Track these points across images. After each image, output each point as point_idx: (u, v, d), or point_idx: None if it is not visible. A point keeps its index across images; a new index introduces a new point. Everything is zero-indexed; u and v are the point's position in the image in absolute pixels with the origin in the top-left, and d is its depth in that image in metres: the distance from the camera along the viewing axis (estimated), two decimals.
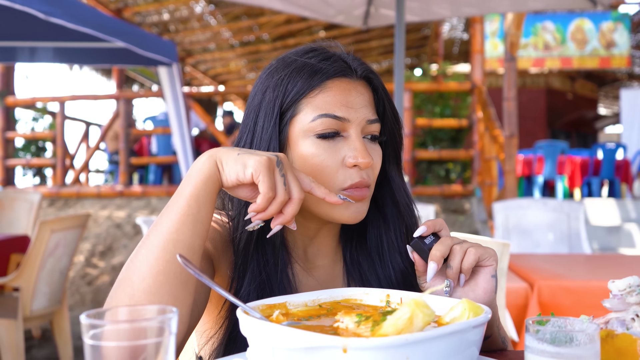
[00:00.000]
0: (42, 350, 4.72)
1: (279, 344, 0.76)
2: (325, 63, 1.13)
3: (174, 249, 0.90)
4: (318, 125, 1.09)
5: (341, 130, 1.11)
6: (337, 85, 1.12)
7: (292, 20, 11.43)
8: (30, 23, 4.26)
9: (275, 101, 1.12)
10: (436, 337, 0.74)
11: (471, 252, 1.01)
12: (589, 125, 20.29)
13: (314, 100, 1.11)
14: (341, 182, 1.10)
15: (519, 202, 4.93)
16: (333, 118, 1.09)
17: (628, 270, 3.13)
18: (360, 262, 1.23)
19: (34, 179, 9.94)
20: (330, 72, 1.12)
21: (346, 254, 1.24)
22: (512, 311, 2.80)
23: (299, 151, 1.11)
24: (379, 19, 4.87)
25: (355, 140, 1.10)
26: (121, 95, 8.32)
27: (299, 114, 1.11)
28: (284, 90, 1.12)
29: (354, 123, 1.11)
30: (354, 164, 1.09)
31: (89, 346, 0.67)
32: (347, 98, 1.11)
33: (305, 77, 1.11)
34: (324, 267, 1.23)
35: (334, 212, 1.11)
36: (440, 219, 1.09)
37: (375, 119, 1.14)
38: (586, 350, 0.79)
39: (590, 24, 13.96)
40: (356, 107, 1.11)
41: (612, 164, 9.14)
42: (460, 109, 8.60)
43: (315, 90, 1.11)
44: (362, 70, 1.16)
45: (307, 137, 1.11)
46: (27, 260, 3.56)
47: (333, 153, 1.10)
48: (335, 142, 1.11)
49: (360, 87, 1.15)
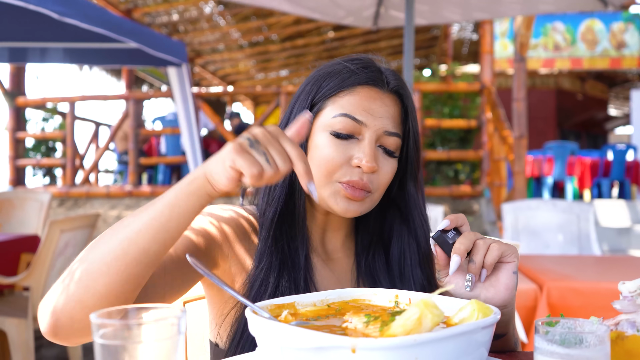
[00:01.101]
0: (52, 350, 4.75)
1: (288, 343, 0.76)
2: (360, 70, 1.19)
3: (127, 248, 0.92)
4: (336, 123, 1.15)
5: (356, 133, 1.16)
6: (365, 92, 1.18)
7: (301, 21, 11.44)
8: (41, 24, 4.28)
9: (309, 94, 1.21)
10: (445, 338, 0.74)
11: (494, 247, 1.02)
12: (599, 126, 20.18)
13: (340, 100, 1.17)
14: (340, 175, 1.15)
15: (528, 203, 4.91)
16: (352, 119, 1.15)
17: (638, 271, 3.11)
18: (376, 271, 1.26)
19: (44, 179, 9.99)
20: (362, 79, 1.18)
21: (361, 260, 1.28)
22: (521, 312, 2.79)
23: (314, 142, 1.17)
24: (389, 20, 4.87)
25: (366, 144, 1.15)
26: (130, 96, 8.35)
27: (324, 109, 1.18)
28: (319, 86, 1.20)
29: (371, 129, 1.15)
30: (358, 165, 1.14)
31: (98, 345, 0.67)
32: (371, 105, 1.17)
33: (340, 79, 1.19)
34: (339, 260, 1.28)
35: (327, 202, 1.17)
36: (462, 214, 1.10)
37: (394, 133, 1.18)
38: (596, 352, 0.79)
39: (601, 25, 13.89)
40: (376, 116, 1.16)
41: (622, 165, 9.08)
42: (470, 110, 8.57)
43: (344, 92, 1.18)
44: (395, 84, 1.21)
45: (324, 131, 1.16)
46: (37, 260, 3.58)
47: (343, 151, 1.15)
48: (347, 143, 1.16)
49: (388, 99, 1.19)
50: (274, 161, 0.88)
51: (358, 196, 1.15)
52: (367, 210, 1.19)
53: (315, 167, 1.16)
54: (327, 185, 1.16)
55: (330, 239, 1.28)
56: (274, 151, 0.88)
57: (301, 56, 14.31)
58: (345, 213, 1.16)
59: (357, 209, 1.16)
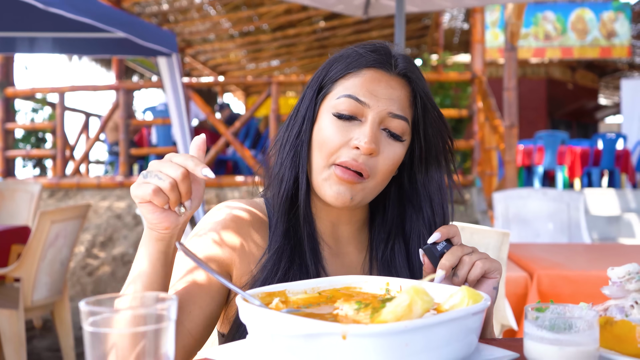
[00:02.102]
0: (44, 341, 4.74)
1: (278, 331, 0.76)
2: (368, 53, 1.18)
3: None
4: (339, 104, 1.14)
5: (359, 115, 1.14)
6: (371, 74, 1.16)
7: (292, 10, 11.38)
8: (30, 13, 4.24)
9: (319, 78, 1.21)
10: (435, 324, 0.74)
11: (478, 265, 1.05)
12: (590, 115, 20.25)
13: (346, 82, 1.16)
14: (336, 157, 1.13)
15: (519, 192, 4.93)
16: (354, 100, 1.13)
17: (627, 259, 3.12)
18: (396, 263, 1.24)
19: (34, 170, 9.93)
20: (368, 61, 1.17)
21: (379, 252, 1.25)
22: (511, 300, 2.81)
23: (319, 124, 1.17)
24: (380, 8, 4.85)
25: (367, 125, 1.13)
26: (121, 86, 8.29)
27: (332, 91, 1.18)
28: (328, 69, 1.20)
29: (373, 110, 1.13)
30: (356, 145, 1.11)
31: (88, 333, 0.67)
32: (375, 87, 1.15)
33: (347, 61, 1.18)
34: (351, 254, 1.27)
35: (320, 188, 1.16)
36: (454, 225, 1.12)
37: (399, 115, 1.15)
38: (585, 337, 0.79)
39: (591, 14, 13.91)
40: (380, 97, 1.14)
41: (612, 154, 9.13)
42: (461, 99, 8.57)
43: (350, 74, 1.17)
44: (403, 67, 1.18)
45: (328, 112, 1.16)
46: (27, 251, 3.56)
47: (343, 133, 1.13)
48: (349, 124, 1.14)
49: (394, 82, 1.17)
50: (166, 174, 0.94)
51: (348, 178, 1.11)
52: (360, 199, 1.15)
53: (317, 148, 1.15)
54: (324, 168, 1.14)
55: (342, 232, 1.26)
56: (163, 168, 0.95)
57: (292, 46, 14.26)
58: (335, 199, 1.13)
59: (347, 194, 1.13)
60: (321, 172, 1.15)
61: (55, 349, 4.46)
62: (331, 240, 1.25)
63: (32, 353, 4.37)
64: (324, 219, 1.24)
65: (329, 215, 1.24)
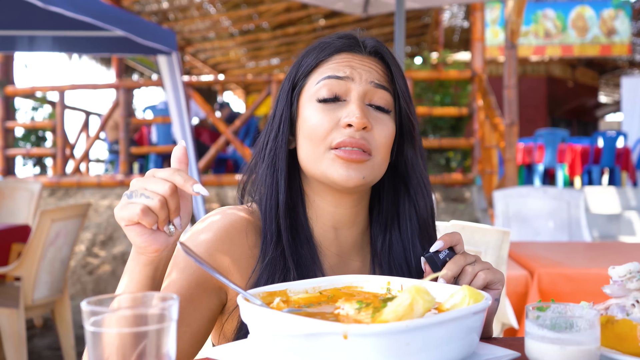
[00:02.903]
0: (44, 339, 4.74)
1: (280, 330, 0.76)
2: (336, 40, 1.18)
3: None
4: (320, 89, 1.13)
5: (342, 95, 1.13)
6: (343, 56, 1.16)
7: (292, 9, 11.37)
8: (30, 12, 4.24)
9: (291, 75, 1.20)
10: (436, 324, 0.74)
11: (480, 276, 1.04)
12: (590, 113, 20.23)
13: (320, 69, 1.16)
14: (330, 140, 1.11)
15: (519, 190, 4.93)
16: (334, 78, 1.13)
17: (628, 257, 3.13)
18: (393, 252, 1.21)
19: (34, 169, 9.93)
20: (338, 46, 1.17)
21: (377, 244, 1.22)
22: (512, 299, 2.80)
23: (302, 116, 1.15)
24: (379, 6, 4.84)
25: (353, 101, 1.11)
26: (121, 85, 8.29)
27: (307, 84, 1.16)
28: (299, 64, 1.19)
29: (356, 84, 1.12)
30: (348, 123, 1.09)
31: (89, 333, 0.67)
32: (351, 65, 1.14)
33: (316, 52, 1.18)
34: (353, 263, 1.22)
35: (327, 175, 1.11)
36: (457, 233, 1.09)
37: (382, 85, 1.14)
38: (586, 336, 0.79)
39: (591, 11, 13.89)
40: (358, 71, 1.14)
41: (612, 152, 9.12)
42: (461, 97, 8.57)
43: (323, 62, 1.16)
44: (373, 46, 1.19)
45: (310, 102, 1.14)
46: (28, 250, 3.57)
47: (330, 115, 1.11)
48: (335, 106, 1.13)
49: (368, 59, 1.17)
50: (153, 192, 0.88)
51: (355, 157, 1.08)
52: (372, 177, 1.12)
53: (307, 140, 1.13)
54: (322, 156, 1.11)
55: (346, 237, 1.21)
56: (149, 185, 0.89)
57: (292, 44, 14.25)
58: (347, 181, 1.09)
59: (358, 173, 1.09)
60: (321, 160, 1.11)
61: (56, 348, 4.46)
62: (332, 248, 1.20)
63: (32, 352, 4.38)
64: (325, 223, 1.20)
65: (331, 218, 1.19)
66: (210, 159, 7.83)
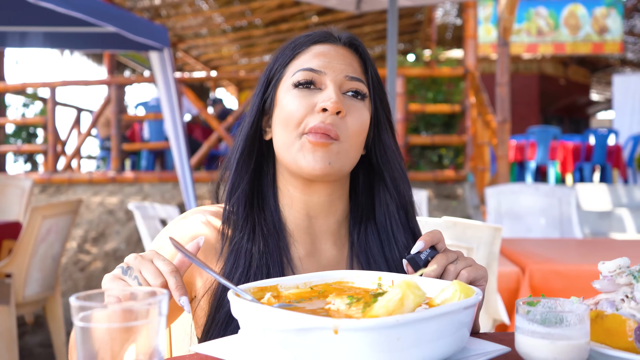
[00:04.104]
0: (35, 337, 4.72)
1: (270, 325, 0.76)
2: (312, 33, 1.22)
3: None
4: (296, 78, 1.15)
5: (318, 83, 1.15)
6: (319, 47, 1.19)
7: (284, 5, 11.35)
8: (20, 7, 4.21)
9: (268, 69, 1.22)
10: (427, 318, 0.74)
11: (463, 275, 1.03)
12: (582, 111, 20.31)
13: (296, 62, 1.18)
14: (304, 126, 1.12)
15: (511, 187, 4.95)
16: (309, 71, 1.15)
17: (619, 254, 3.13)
18: (370, 244, 1.21)
19: (25, 166, 9.90)
20: (314, 38, 1.20)
21: (354, 236, 1.22)
22: (503, 295, 2.82)
23: (279, 105, 1.16)
24: (372, 3, 4.84)
25: (329, 88, 1.13)
26: (112, 81, 8.26)
27: (284, 76, 1.18)
28: (275, 59, 1.22)
29: (330, 75, 1.14)
30: (322, 107, 1.10)
31: (78, 328, 0.67)
32: (326, 56, 1.17)
33: (292, 46, 1.21)
34: (328, 252, 1.21)
35: (296, 162, 1.12)
36: (437, 231, 1.08)
37: (356, 77, 1.16)
38: (576, 331, 0.79)
39: (584, 10, 13.93)
40: (334, 63, 1.16)
41: (604, 150, 9.16)
42: (453, 95, 8.58)
43: (299, 54, 1.19)
44: (347, 37, 1.22)
45: (288, 90, 1.15)
46: (19, 247, 3.55)
47: (305, 101, 1.13)
48: (310, 92, 1.14)
49: (343, 50, 1.20)
50: (146, 280, 0.91)
51: (320, 141, 1.09)
52: (339, 165, 1.12)
53: (282, 126, 1.14)
54: (294, 142, 1.12)
55: (320, 226, 1.21)
56: (145, 272, 0.92)
57: (285, 41, 14.06)
58: (313, 168, 1.10)
59: (324, 159, 1.09)
60: (292, 146, 1.12)
61: (47, 345, 4.45)
62: (305, 237, 1.20)
63: (24, 349, 4.36)
64: (298, 211, 1.20)
65: (305, 206, 1.19)
66: (203, 155, 7.82)
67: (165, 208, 4.56)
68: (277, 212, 1.19)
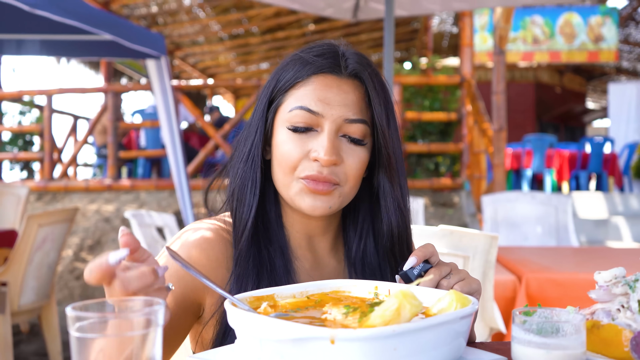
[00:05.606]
0: (31, 345, 4.70)
1: (267, 335, 0.76)
2: (316, 58, 1.14)
3: None
4: (293, 117, 1.11)
5: (315, 125, 1.11)
6: (321, 80, 1.12)
7: (281, 13, 11.38)
8: (17, 15, 4.21)
9: (269, 89, 1.17)
10: (424, 328, 0.74)
11: (456, 290, 1.02)
12: (577, 119, 20.37)
13: (297, 92, 1.13)
14: (299, 171, 1.11)
15: (507, 195, 4.95)
16: (307, 111, 1.10)
17: (615, 262, 3.14)
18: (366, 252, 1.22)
19: (21, 173, 9.87)
20: (317, 67, 1.13)
21: (351, 246, 1.23)
22: (500, 303, 2.81)
23: (276, 139, 1.14)
24: (369, 12, 4.86)
25: (324, 136, 1.10)
26: (109, 89, 8.26)
27: (283, 103, 1.14)
28: (277, 79, 1.16)
29: (328, 120, 1.10)
30: (315, 158, 1.09)
31: (74, 338, 0.67)
32: (326, 94, 1.11)
33: (296, 69, 1.14)
34: (330, 265, 1.23)
35: (295, 202, 1.13)
36: (429, 244, 1.07)
37: (357, 119, 1.12)
38: (572, 341, 0.80)
39: (579, 18, 14.00)
40: (333, 104, 1.11)
41: (599, 158, 9.19)
42: (450, 103, 8.61)
43: (300, 83, 1.13)
44: (353, 68, 1.14)
45: (283, 126, 1.13)
46: (14, 255, 3.54)
47: (301, 145, 1.11)
48: (306, 136, 1.11)
49: (346, 85, 1.13)
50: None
51: (322, 189, 1.09)
52: (339, 205, 1.13)
53: (278, 164, 1.13)
54: (291, 184, 1.12)
55: (320, 243, 1.23)
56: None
57: (282, 49, 14.26)
58: (313, 210, 1.11)
59: (324, 204, 1.11)
60: (289, 187, 1.12)
61: (43, 354, 4.42)
62: (308, 253, 1.22)
63: (18, 358, 4.34)
64: (300, 231, 1.21)
65: (304, 227, 1.21)
66: (199, 163, 7.81)
67: (162, 216, 4.54)
68: (282, 232, 1.19)
